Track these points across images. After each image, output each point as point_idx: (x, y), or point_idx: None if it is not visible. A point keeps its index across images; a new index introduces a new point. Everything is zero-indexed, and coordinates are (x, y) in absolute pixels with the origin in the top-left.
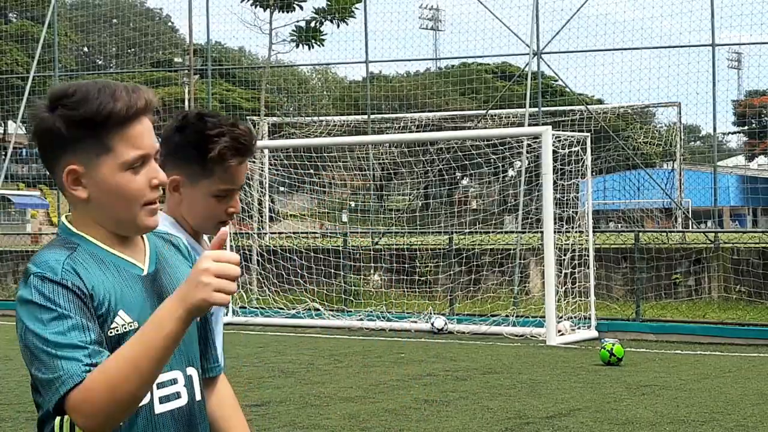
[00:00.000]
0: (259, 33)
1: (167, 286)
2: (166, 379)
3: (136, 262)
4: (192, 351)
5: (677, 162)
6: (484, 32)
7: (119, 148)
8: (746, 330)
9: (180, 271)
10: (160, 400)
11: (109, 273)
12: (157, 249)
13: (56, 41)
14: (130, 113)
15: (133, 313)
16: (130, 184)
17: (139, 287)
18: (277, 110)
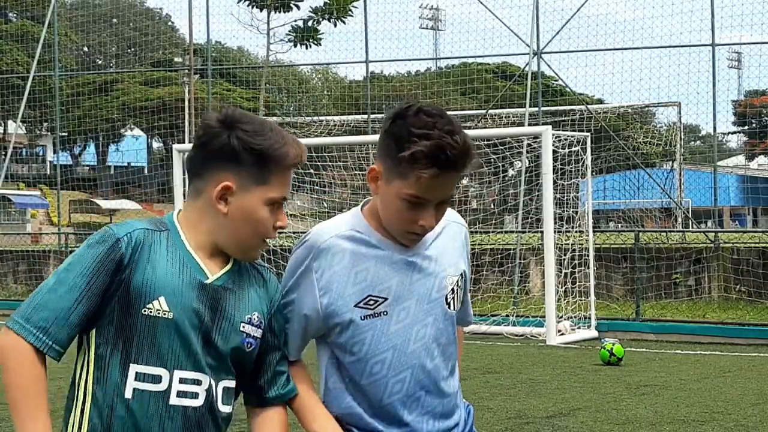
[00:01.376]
0: (257, 33)
1: (225, 302)
2: (190, 378)
3: (206, 269)
4: (219, 366)
5: (677, 162)
6: (484, 32)
7: (274, 185)
8: (746, 330)
9: (247, 298)
10: (178, 394)
11: (173, 266)
12: (239, 270)
13: (56, 41)
14: (294, 162)
15: (174, 306)
16: (266, 220)
17: (194, 290)
18: (277, 110)
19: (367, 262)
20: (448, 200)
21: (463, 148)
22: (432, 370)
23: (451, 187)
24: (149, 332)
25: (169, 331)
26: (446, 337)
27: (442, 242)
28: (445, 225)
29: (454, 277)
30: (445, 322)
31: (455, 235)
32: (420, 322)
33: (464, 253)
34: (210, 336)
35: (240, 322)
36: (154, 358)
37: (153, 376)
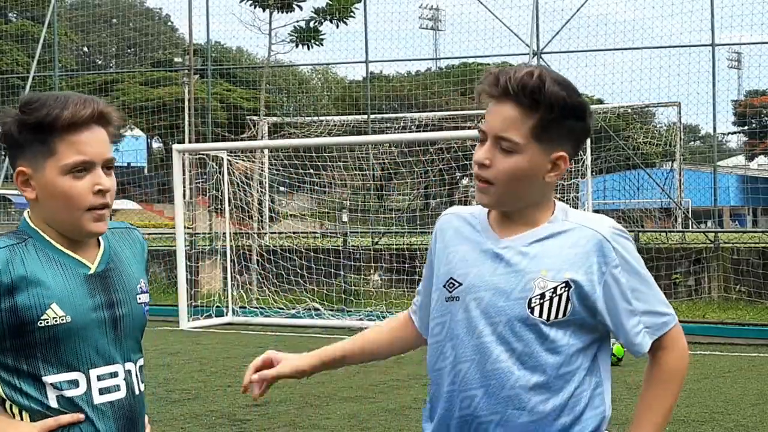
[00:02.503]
0: (259, 33)
1: (116, 283)
2: (106, 372)
3: (84, 260)
4: (129, 346)
5: (677, 162)
6: (484, 32)
7: (62, 152)
8: (746, 330)
9: (130, 269)
10: (100, 392)
11: (51, 269)
12: (112, 247)
13: (56, 41)
14: (75, 120)
15: (67, 308)
16: (71, 189)
17: (81, 285)
18: (277, 110)
19: (463, 244)
20: None
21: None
22: (493, 372)
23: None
24: (51, 343)
25: (71, 334)
26: (525, 345)
27: (553, 243)
28: (570, 228)
29: (552, 282)
30: (524, 328)
31: (579, 241)
32: (491, 318)
33: (586, 263)
34: (116, 323)
35: (136, 296)
36: (64, 366)
37: (70, 382)
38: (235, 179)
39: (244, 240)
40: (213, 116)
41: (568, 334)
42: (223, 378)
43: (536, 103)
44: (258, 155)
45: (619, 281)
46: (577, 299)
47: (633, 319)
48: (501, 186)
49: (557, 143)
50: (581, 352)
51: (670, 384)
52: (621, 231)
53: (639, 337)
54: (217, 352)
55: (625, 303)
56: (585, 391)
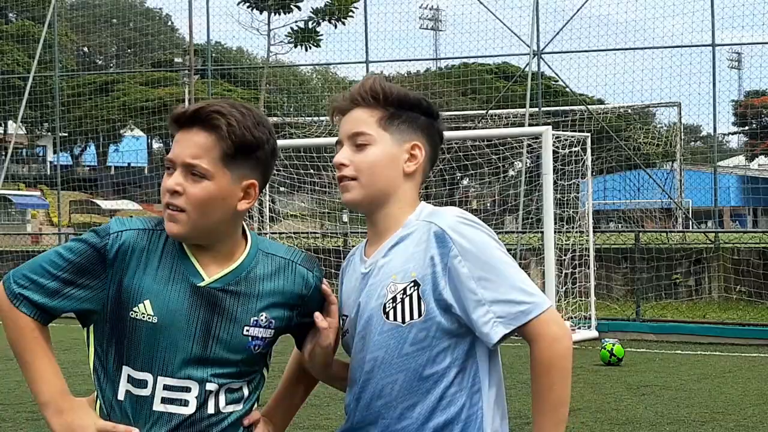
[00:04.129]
0: (258, 34)
1: (224, 305)
2: (176, 385)
3: (202, 271)
4: (222, 370)
5: (677, 162)
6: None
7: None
8: (746, 330)
9: (255, 297)
10: (162, 400)
11: (164, 268)
12: (252, 269)
13: (56, 41)
14: (173, 118)
15: (159, 309)
16: (163, 183)
17: (185, 293)
18: (277, 110)
19: (349, 281)
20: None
21: None
22: (366, 383)
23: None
24: (136, 336)
25: (154, 335)
26: (387, 352)
27: (401, 247)
28: (417, 227)
29: (401, 284)
30: (384, 335)
31: (422, 237)
32: (362, 335)
33: (428, 258)
34: (207, 342)
35: (244, 326)
36: (140, 362)
37: (139, 381)
38: None
39: None
40: None
41: (430, 334)
42: None
43: (380, 99)
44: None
45: (460, 271)
46: (430, 296)
47: (480, 309)
48: (363, 178)
49: (409, 134)
50: (448, 350)
51: (548, 376)
52: (464, 219)
53: (487, 327)
54: None
55: (470, 293)
56: (459, 391)
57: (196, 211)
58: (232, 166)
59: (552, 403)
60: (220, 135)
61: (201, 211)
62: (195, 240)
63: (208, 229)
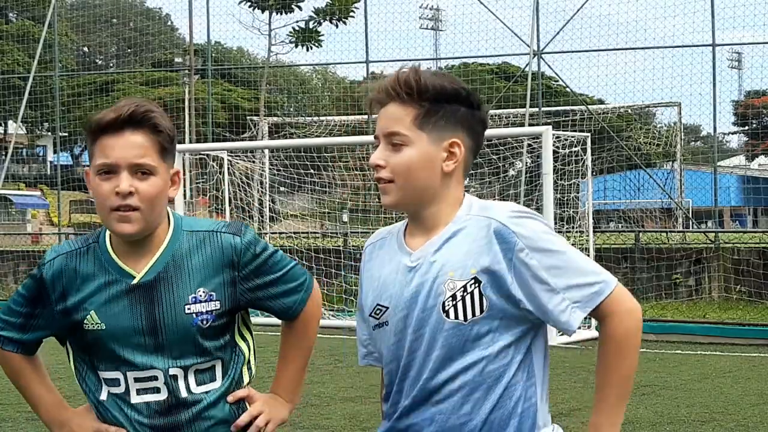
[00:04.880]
0: (258, 34)
1: (160, 294)
2: (144, 376)
3: (130, 270)
4: (177, 353)
5: (678, 162)
6: (484, 32)
7: (96, 155)
8: (746, 330)
9: (187, 278)
10: (137, 392)
11: (99, 277)
12: (175, 254)
13: (56, 41)
14: (98, 126)
15: (103, 316)
16: (98, 186)
17: (123, 295)
18: (277, 110)
19: (384, 268)
20: None
21: None
22: (426, 381)
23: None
24: (95, 343)
25: (108, 339)
26: (449, 350)
27: (456, 242)
28: (470, 222)
29: (461, 281)
30: (443, 333)
31: (479, 233)
32: (417, 331)
33: (490, 254)
34: (156, 331)
35: (184, 305)
36: (108, 365)
37: (113, 380)
38: (236, 179)
39: None
40: (213, 116)
41: (492, 330)
42: None
43: (414, 95)
44: (258, 155)
45: (528, 264)
46: (492, 292)
47: (555, 298)
48: (400, 181)
49: (447, 130)
50: (511, 346)
51: (620, 350)
52: (521, 212)
53: (565, 314)
54: None
55: (541, 284)
56: (516, 384)
57: (148, 208)
58: (169, 160)
59: (621, 376)
60: (157, 132)
61: (152, 206)
62: (142, 235)
63: (152, 224)
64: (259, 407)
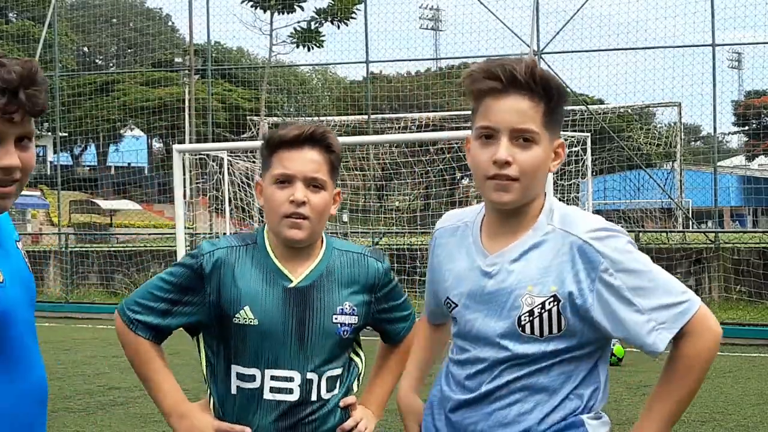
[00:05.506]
0: (260, 34)
1: (313, 300)
2: (282, 376)
3: (289, 273)
4: (317, 359)
5: (677, 162)
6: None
7: (274, 165)
8: (746, 330)
9: (337, 290)
10: (271, 389)
11: (258, 275)
12: (330, 266)
13: (56, 41)
14: (285, 140)
15: (258, 313)
16: (273, 195)
17: (278, 295)
18: (278, 110)
19: (457, 261)
20: None
21: None
22: (496, 388)
23: None
24: (241, 338)
25: (257, 335)
26: (519, 361)
27: (537, 255)
28: (552, 235)
29: (539, 298)
30: (519, 346)
31: (561, 249)
32: (487, 337)
33: (572, 273)
34: (303, 335)
35: (332, 315)
36: (248, 360)
37: (249, 376)
38: (236, 179)
39: None
40: (213, 116)
41: (567, 347)
42: None
43: (546, 90)
44: (258, 155)
45: (612, 284)
46: (570, 313)
47: (641, 319)
48: (526, 180)
49: (556, 131)
50: (580, 360)
51: (689, 371)
52: (605, 229)
53: (651, 336)
54: None
55: (626, 305)
56: (580, 389)
57: (316, 218)
58: (335, 179)
59: (682, 396)
60: (330, 152)
61: (320, 217)
62: (307, 243)
63: (318, 233)
64: (360, 414)
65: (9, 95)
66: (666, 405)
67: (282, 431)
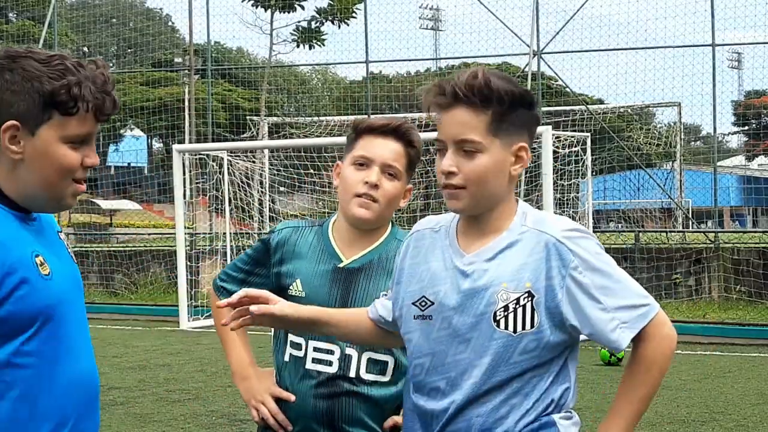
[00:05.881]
0: (260, 33)
1: (358, 283)
2: (323, 348)
3: (341, 254)
4: None
5: (677, 162)
6: (484, 32)
7: (356, 148)
8: (746, 330)
9: (384, 276)
10: (312, 360)
11: (312, 254)
12: (384, 253)
13: (56, 41)
14: (372, 127)
15: (307, 287)
16: (350, 175)
17: (327, 273)
18: (278, 110)
19: (434, 261)
20: None
21: None
22: (465, 385)
23: None
24: None
25: None
26: (495, 358)
27: (512, 254)
28: (526, 235)
29: (514, 293)
30: (492, 341)
31: (535, 248)
32: (463, 335)
33: (545, 269)
34: None
35: (373, 299)
36: (297, 330)
37: (297, 344)
38: (236, 179)
39: (245, 240)
40: (213, 116)
41: (540, 345)
42: (223, 378)
43: (487, 100)
44: (258, 155)
45: (581, 282)
46: (543, 308)
47: (605, 316)
48: (474, 187)
49: (513, 136)
50: (554, 359)
51: (649, 372)
52: (577, 230)
53: (615, 333)
54: (218, 352)
55: (593, 302)
56: (551, 391)
57: (385, 204)
58: (409, 175)
59: (642, 396)
60: (411, 146)
61: (389, 204)
62: (373, 226)
63: (384, 218)
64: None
65: (107, 97)
66: (630, 404)
67: (319, 398)
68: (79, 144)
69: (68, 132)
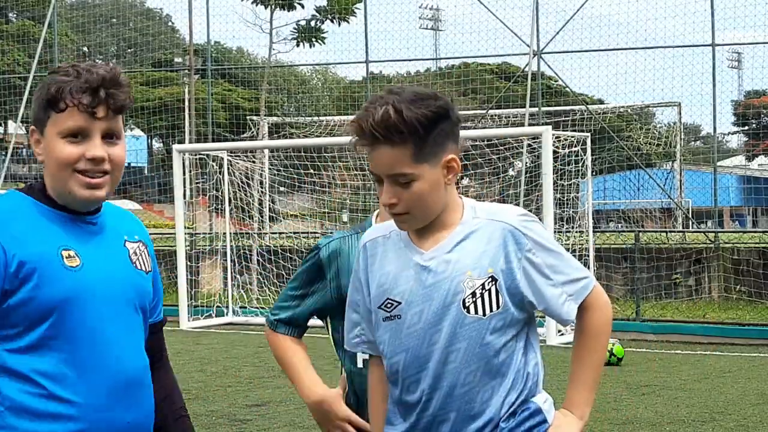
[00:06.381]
0: (260, 32)
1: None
2: None
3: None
4: None
5: (677, 162)
6: (484, 32)
7: None
8: (746, 330)
9: None
10: (364, 363)
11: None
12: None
13: (56, 41)
14: None
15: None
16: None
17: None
18: (278, 110)
19: (391, 264)
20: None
21: None
22: (446, 373)
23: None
24: None
25: None
26: (469, 343)
27: (470, 244)
28: (482, 225)
29: (479, 279)
30: (464, 327)
31: (493, 235)
32: (435, 326)
33: (504, 254)
34: None
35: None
36: None
37: None
38: (236, 179)
39: (245, 240)
40: (213, 116)
41: (506, 323)
42: (223, 378)
43: (404, 134)
44: (258, 155)
45: (535, 262)
46: (505, 289)
47: (556, 291)
48: (417, 210)
49: (439, 153)
50: (517, 336)
51: (597, 339)
52: (527, 215)
53: (565, 306)
54: (218, 352)
55: (545, 279)
56: (524, 367)
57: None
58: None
59: (596, 362)
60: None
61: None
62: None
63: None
64: None
65: (92, 93)
66: (591, 370)
67: None
68: (78, 139)
69: (61, 127)
